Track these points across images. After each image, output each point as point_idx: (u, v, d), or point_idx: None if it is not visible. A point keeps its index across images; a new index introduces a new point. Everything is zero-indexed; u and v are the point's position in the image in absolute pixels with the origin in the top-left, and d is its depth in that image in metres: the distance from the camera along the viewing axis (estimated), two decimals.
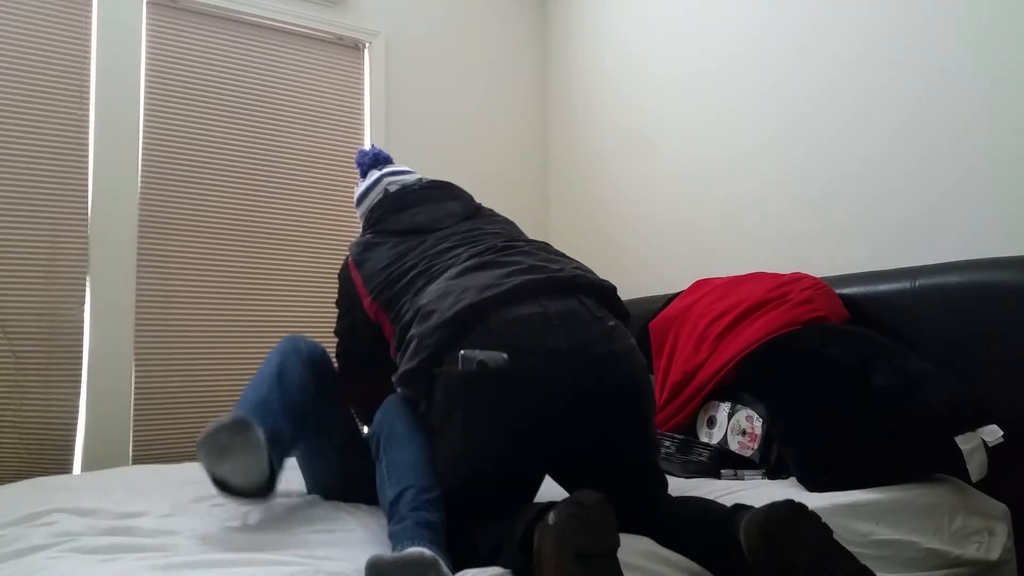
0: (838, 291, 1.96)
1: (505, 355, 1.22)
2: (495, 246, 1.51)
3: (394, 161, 1.97)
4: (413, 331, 1.36)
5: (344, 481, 1.61)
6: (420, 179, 1.84)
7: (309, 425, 1.62)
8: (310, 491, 1.72)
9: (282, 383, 1.49)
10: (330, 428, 1.65)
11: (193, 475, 1.75)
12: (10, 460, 2.29)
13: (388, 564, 1.03)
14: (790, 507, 1.07)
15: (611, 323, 1.35)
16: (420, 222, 1.65)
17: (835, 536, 1.07)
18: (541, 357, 1.23)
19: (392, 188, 1.81)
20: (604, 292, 1.44)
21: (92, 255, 2.50)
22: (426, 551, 1.06)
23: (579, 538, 0.97)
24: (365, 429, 1.72)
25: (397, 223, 1.67)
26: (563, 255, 1.56)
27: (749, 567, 1.07)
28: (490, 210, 1.84)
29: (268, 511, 1.55)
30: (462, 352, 1.23)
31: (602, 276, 1.49)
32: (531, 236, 2.22)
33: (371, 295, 1.55)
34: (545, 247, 1.58)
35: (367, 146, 3.12)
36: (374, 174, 1.87)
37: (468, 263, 1.43)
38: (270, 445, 1.34)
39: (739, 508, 1.17)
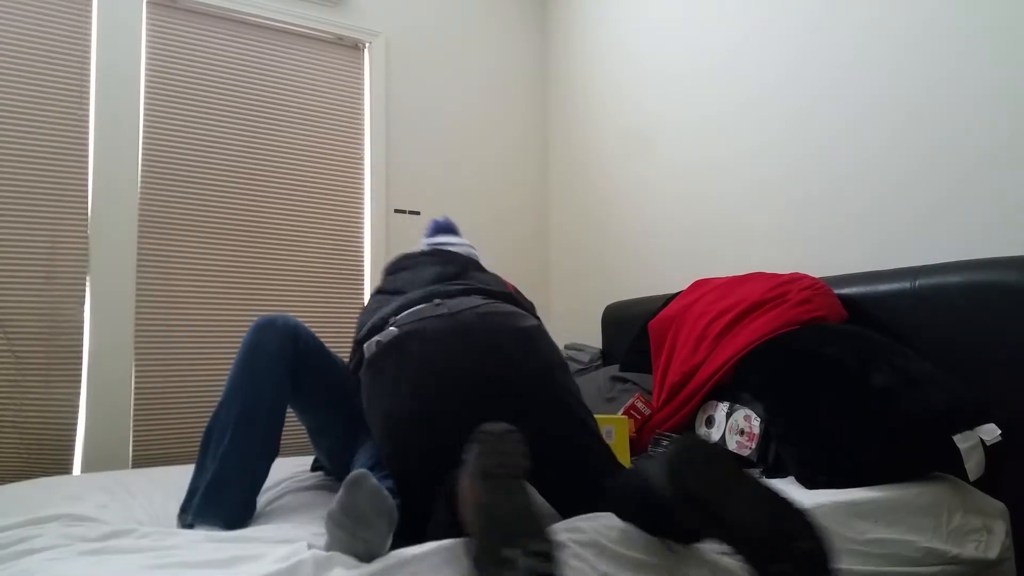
0: (838, 291, 1.96)
1: (394, 329, 1.38)
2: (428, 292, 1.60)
3: (455, 230, 2.05)
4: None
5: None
6: (434, 247, 1.92)
7: (313, 411, 1.69)
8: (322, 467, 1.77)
9: (247, 427, 1.53)
10: (333, 418, 1.69)
11: None
12: (10, 460, 2.29)
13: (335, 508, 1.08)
14: (686, 441, 1.07)
15: (497, 302, 1.45)
16: (399, 285, 1.76)
17: (737, 468, 1.05)
18: (426, 320, 1.38)
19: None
20: (503, 295, 1.54)
21: (92, 255, 2.50)
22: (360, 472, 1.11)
23: (485, 459, 1.03)
24: None
25: (387, 285, 1.81)
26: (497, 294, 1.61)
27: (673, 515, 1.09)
28: (484, 275, 1.81)
29: (270, 510, 1.55)
30: (364, 344, 1.41)
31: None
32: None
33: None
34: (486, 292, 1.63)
35: (367, 147, 3.13)
36: (423, 243, 2.00)
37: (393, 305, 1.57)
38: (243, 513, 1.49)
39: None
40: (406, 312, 1.44)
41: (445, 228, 2.03)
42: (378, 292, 1.78)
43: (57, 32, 2.51)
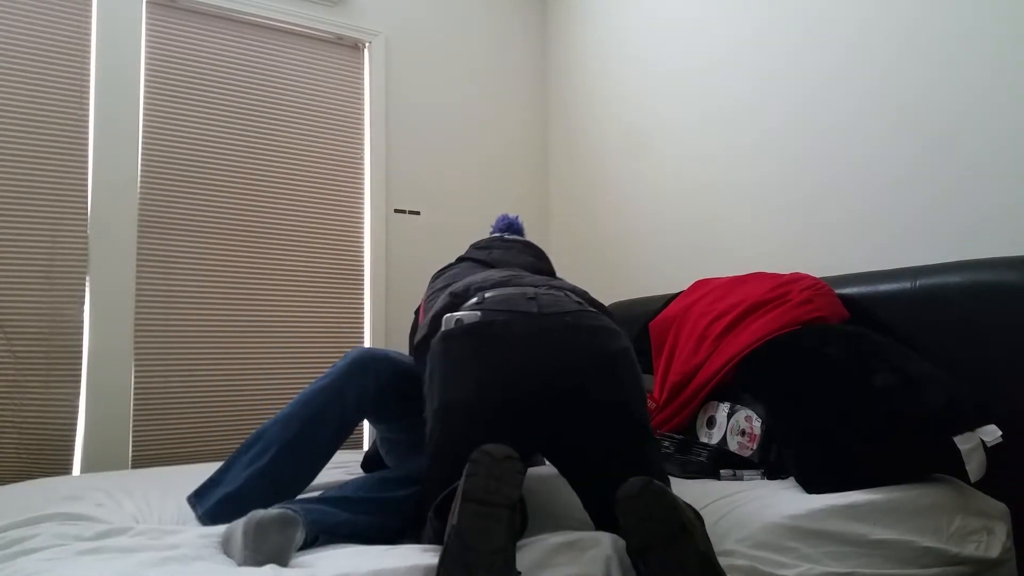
0: (838, 291, 1.95)
1: (479, 313, 1.31)
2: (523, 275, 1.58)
3: (523, 232, 2.09)
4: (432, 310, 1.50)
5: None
6: (527, 241, 1.96)
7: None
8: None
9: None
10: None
11: (192, 476, 1.75)
12: (10, 460, 2.29)
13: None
14: (638, 484, 1.05)
15: (591, 309, 1.39)
16: (493, 258, 1.78)
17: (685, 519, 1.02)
18: (511, 315, 1.31)
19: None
20: (595, 302, 1.51)
21: (92, 255, 2.50)
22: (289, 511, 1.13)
23: (473, 482, 1.00)
24: None
25: (474, 255, 1.82)
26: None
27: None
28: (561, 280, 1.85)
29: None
30: (445, 316, 1.35)
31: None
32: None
33: (423, 297, 1.69)
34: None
35: (367, 147, 3.13)
36: (497, 233, 2.05)
37: (492, 274, 1.55)
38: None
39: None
40: (496, 291, 1.39)
41: (517, 228, 2.03)
42: (464, 259, 1.76)
43: (57, 32, 2.51)
